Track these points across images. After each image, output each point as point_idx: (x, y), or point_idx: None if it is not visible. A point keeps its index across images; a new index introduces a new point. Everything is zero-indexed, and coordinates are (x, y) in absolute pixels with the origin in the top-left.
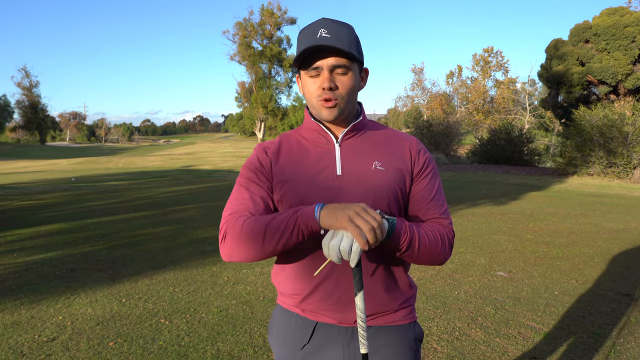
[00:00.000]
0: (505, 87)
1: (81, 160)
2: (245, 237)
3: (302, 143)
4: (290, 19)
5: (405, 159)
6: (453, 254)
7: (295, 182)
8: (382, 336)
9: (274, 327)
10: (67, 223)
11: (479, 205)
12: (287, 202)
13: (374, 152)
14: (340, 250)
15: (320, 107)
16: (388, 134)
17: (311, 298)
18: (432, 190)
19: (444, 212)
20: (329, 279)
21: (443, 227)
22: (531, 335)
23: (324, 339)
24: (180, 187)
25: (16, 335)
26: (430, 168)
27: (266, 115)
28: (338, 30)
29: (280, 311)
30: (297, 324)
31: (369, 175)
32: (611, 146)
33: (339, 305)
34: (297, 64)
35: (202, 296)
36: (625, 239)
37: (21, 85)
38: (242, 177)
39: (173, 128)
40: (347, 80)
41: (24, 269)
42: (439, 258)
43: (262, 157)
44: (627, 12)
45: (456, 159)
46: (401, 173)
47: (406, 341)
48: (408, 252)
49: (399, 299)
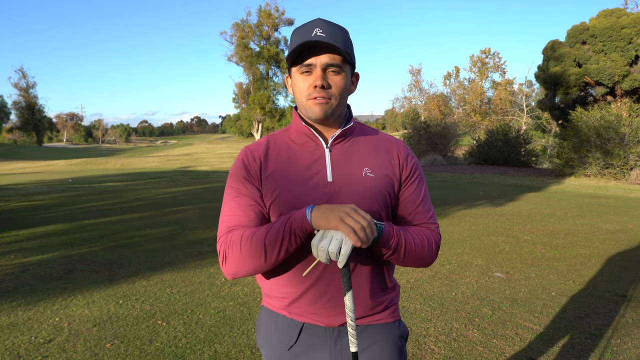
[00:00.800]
0: (503, 89)
1: (78, 162)
2: (247, 254)
3: (290, 146)
4: (287, 20)
5: (394, 164)
6: (450, 255)
7: (287, 189)
8: (368, 334)
9: (261, 329)
10: (64, 224)
11: (476, 206)
12: (278, 209)
13: (363, 158)
14: (328, 252)
15: (311, 105)
16: (376, 139)
17: (299, 302)
18: (419, 196)
19: (431, 217)
20: (318, 284)
21: (430, 231)
22: (528, 336)
23: (310, 340)
24: (178, 188)
25: (13, 336)
26: (417, 173)
27: (264, 117)
28: (333, 30)
29: (267, 313)
30: (284, 325)
31: (359, 181)
32: (608, 147)
33: (326, 309)
34: (289, 60)
35: (199, 297)
36: (622, 240)
37: (18, 86)
38: (231, 189)
39: (170, 129)
40: (339, 80)
41: (20, 270)
42: (425, 261)
43: (250, 163)
44: (624, 14)
45: (453, 160)
46: (390, 179)
47: (392, 338)
48: (395, 255)
49: (385, 300)
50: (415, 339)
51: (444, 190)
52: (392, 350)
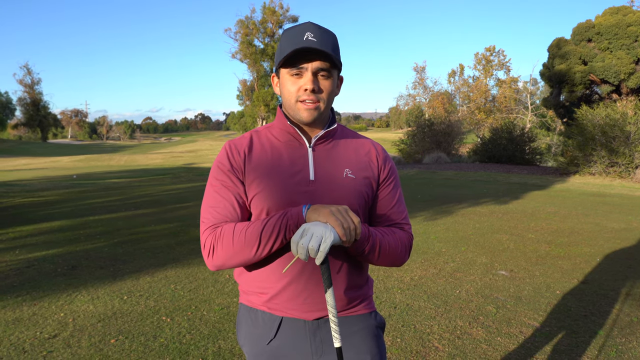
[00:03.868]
0: (507, 86)
1: (83, 158)
2: (240, 246)
3: (274, 143)
4: (292, 17)
5: (373, 167)
6: (455, 252)
7: (270, 184)
8: (346, 325)
9: (241, 327)
10: (68, 220)
11: (481, 204)
12: (260, 204)
13: (344, 159)
14: (308, 248)
15: (300, 109)
16: (357, 142)
17: (279, 298)
18: (394, 197)
19: (405, 218)
20: (298, 280)
21: (404, 231)
22: (532, 334)
23: (289, 333)
24: (182, 184)
25: (18, 332)
26: (393, 177)
27: (267, 114)
28: (323, 35)
29: (245, 310)
30: (263, 320)
31: (340, 182)
32: (613, 145)
33: (305, 305)
34: (280, 62)
35: (203, 294)
36: (627, 239)
37: (23, 83)
38: (215, 181)
39: (174, 126)
40: (328, 84)
41: (25, 265)
42: (398, 261)
43: (234, 157)
44: (630, 12)
45: (458, 157)
46: (369, 181)
47: (369, 328)
48: (370, 255)
49: (360, 296)
50: (419, 337)
51: (448, 188)
52: (371, 339)
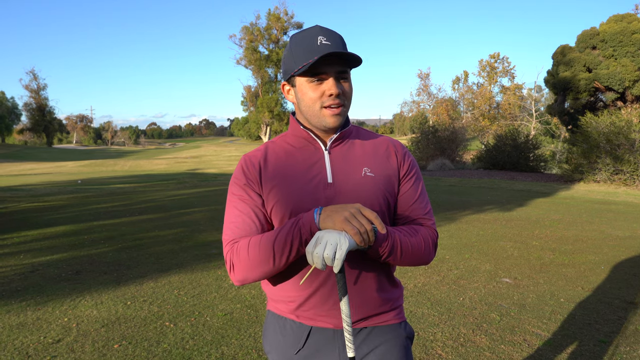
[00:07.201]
0: (512, 93)
1: (87, 163)
2: (255, 260)
3: (289, 151)
4: (296, 23)
5: (392, 162)
6: (458, 260)
7: (288, 191)
8: (375, 336)
9: (268, 334)
10: (73, 225)
11: (485, 211)
12: (280, 212)
13: (362, 159)
14: (324, 257)
15: (326, 114)
16: (374, 140)
17: (307, 305)
18: (416, 192)
19: (428, 213)
20: (324, 286)
21: (427, 228)
22: (536, 343)
23: (319, 343)
24: (186, 190)
25: (22, 336)
26: (414, 171)
27: (272, 120)
28: (335, 37)
29: (273, 317)
30: (292, 329)
31: (359, 181)
32: (618, 153)
33: (334, 310)
34: (299, 69)
35: (206, 299)
36: (632, 247)
37: (29, 88)
38: (233, 196)
39: (179, 131)
40: (348, 85)
41: (29, 270)
42: (424, 259)
43: (249, 170)
44: (635, 19)
45: (462, 164)
46: (389, 178)
47: (399, 339)
48: (390, 257)
49: (389, 300)
50: (422, 344)
51: (452, 194)
52: (400, 350)
